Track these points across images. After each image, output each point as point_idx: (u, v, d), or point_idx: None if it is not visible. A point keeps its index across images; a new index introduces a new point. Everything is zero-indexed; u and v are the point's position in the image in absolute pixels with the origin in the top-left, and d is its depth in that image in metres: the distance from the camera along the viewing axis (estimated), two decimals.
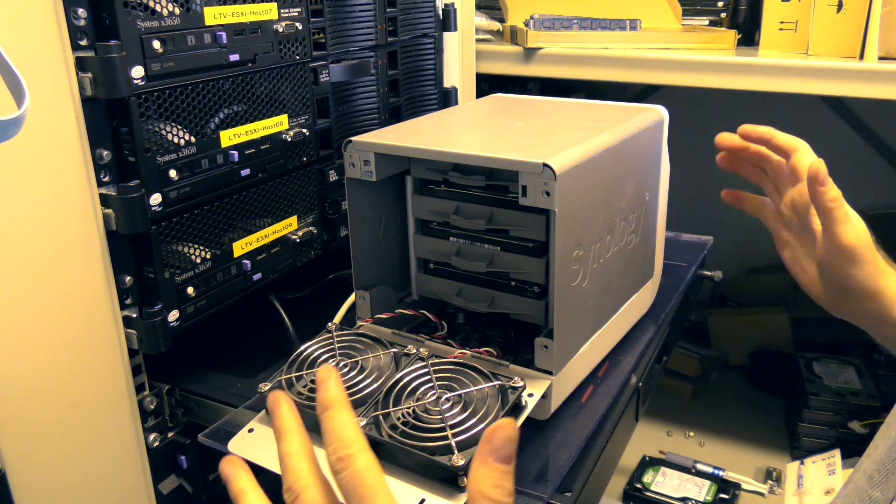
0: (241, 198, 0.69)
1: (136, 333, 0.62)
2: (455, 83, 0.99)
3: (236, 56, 0.66)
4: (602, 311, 0.65)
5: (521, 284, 0.63)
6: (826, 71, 0.97)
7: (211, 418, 0.66)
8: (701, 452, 1.37)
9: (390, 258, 0.69)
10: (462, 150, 0.57)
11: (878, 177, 1.55)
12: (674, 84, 1.08)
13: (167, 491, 0.68)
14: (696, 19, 1.30)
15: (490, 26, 1.23)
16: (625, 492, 1.27)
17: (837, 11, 0.99)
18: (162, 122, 0.61)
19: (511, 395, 0.54)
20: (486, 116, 0.72)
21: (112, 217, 0.58)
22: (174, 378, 0.70)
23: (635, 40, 1.14)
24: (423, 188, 0.67)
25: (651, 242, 0.73)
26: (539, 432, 0.58)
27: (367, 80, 0.82)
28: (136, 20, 0.56)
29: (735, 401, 1.53)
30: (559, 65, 1.14)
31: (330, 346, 0.61)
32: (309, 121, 0.75)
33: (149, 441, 0.66)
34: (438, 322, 0.65)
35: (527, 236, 0.61)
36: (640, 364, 0.69)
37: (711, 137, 0.74)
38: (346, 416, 0.40)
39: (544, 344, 0.57)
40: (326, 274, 0.84)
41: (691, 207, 1.30)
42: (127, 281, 0.61)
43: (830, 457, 1.26)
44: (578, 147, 0.56)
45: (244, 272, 0.70)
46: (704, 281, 0.94)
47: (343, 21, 0.78)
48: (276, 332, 0.76)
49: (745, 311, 1.66)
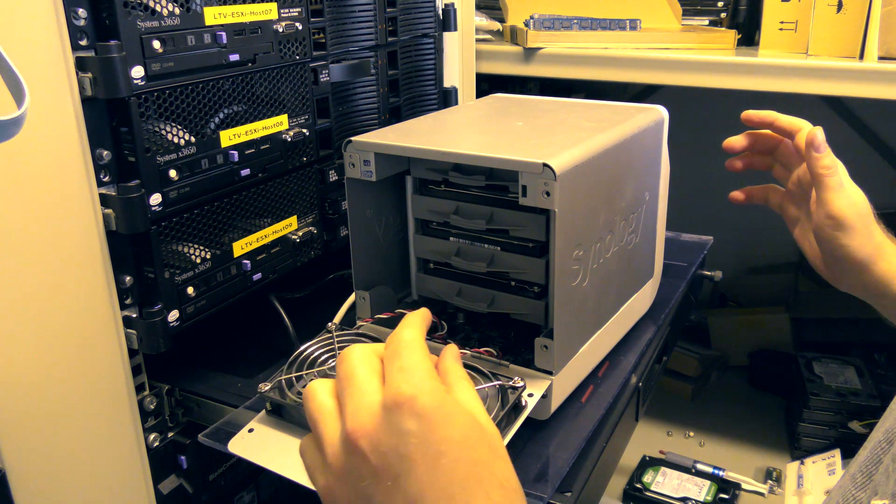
0: (241, 198, 0.69)
1: (135, 333, 0.62)
2: (455, 83, 0.99)
3: (236, 56, 0.66)
4: (602, 311, 0.65)
5: (521, 284, 0.63)
6: (826, 71, 0.97)
7: (211, 418, 0.66)
8: (701, 452, 1.37)
9: (390, 258, 0.69)
10: (462, 150, 0.57)
11: (878, 177, 1.55)
12: (674, 84, 1.08)
13: (167, 491, 0.68)
14: (696, 19, 1.30)
15: (490, 26, 1.23)
16: (625, 492, 1.27)
17: (837, 11, 0.99)
18: (162, 122, 0.61)
19: (511, 395, 0.54)
20: (486, 116, 0.72)
21: (112, 217, 0.58)
22: (174, 378, 0.70)
23: (635, 40, 1.14)
24: (423, 188, 0.67)
25: (651, 242, 0.73)
26: (539, 432, 0.58)
27: (367, 80, 0.82)
28: (136, 20, 0.56)
29: (735, 401, 1.53)
30: (559, 65, 1.14)
31: (330, 346, 0.61)
32: (309, 121, 0.75)
33: (149, 441, 0.66)
34: (438, 322, 0.65)
35: (527, 236, 0.61)
36: (640, 364, 0.69)
37: (711, 137, 0.75)
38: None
39: (544, 344, 0.57)
40: (326, 274, 0.84)
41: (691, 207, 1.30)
42: (127, 281, 0.61)
43: (830, 457, 1.26)
44: (578, 147, 0.56)
45: (244, 272, 0.70)
46: (704, 281, 0.94)
47: (343, 21, 0.78)
48: (276, 332, 0.76)
49: (745, 311, 1.66)
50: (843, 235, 0.66)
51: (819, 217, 0.67)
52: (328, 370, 0.58)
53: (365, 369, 0.42)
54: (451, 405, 0.40)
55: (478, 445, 0.39)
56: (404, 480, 0.38)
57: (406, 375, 0.40)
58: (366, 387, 0.41)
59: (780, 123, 0.72)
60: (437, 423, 0.38)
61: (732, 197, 0.79)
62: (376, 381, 0.41)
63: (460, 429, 0.39)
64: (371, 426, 0.39)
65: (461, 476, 0.38)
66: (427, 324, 0.47)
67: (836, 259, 0.68)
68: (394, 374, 0.40)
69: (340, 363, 0.43)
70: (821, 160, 0.65)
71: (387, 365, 0.42)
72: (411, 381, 0.39)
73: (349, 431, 0.39)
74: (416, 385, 0.39)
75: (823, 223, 0.66)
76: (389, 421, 0.39)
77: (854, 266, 0.67)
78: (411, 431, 0.38)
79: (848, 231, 0.65)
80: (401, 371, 0.40)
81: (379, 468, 0.38)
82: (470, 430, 0.39)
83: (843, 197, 0.65)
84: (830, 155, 0.66)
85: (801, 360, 1.42)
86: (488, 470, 0.39)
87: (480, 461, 0.39)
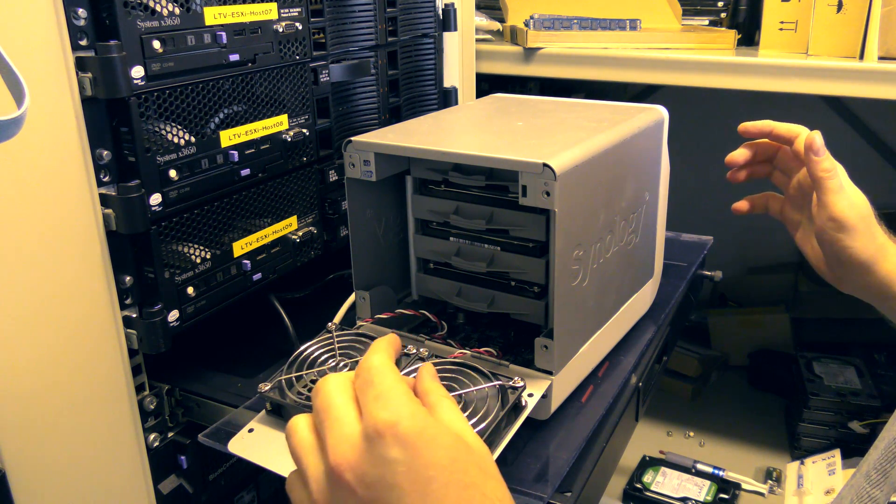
0: (241, 198, 0.69)
1: (135, 333, 0.62)
2: (455, 83, 0.99)
3: (236, 56, 0.65)
4: (602, 311, 0.65)
5: (521, 284, 0.63)
6: (826, 71, 0.97)
7: (211, 418, 0.66)
8: (701, 452, 1.37)
9: (390, 258, 0.69)
10: (462, 150, 0.57)
11: (878, 177, 1.55)
12: (674, 84, 1.08)
13: (167, 491, 0.68)
14: (696, 19, 1.30)
15: (490, 26, 1.23)
16: (625, 492, 1.27)
17: (837, 11, 0.99)
18: (162, 122, 0.61)
19: (511, 395, 0.54)
20: (486, 116, 0.72)
21: (112, 217, 0.58)
22: (174, 378, 0.70)
23: (635, 40, 1.14)
24: (423, 188, 0.67)
25: (651, 242, 0.73)
26: (539, 432, 0.58)
27: (367, 80, 0.82)
28: (136, 20, 0.56)
29: (735, 401, 1.53)
30: (559, 65, 1.14)
31: (330, 346, 0.61)
32: (309, 121, 0.75)
33: (149, 441, 0.66)
34: (438, 322, 0.65)
35: (527, 236, 0.61)
36: (640, 364, 0.69)
37: (711, 137, 0.75)
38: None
39: (544, 344, 0.57)
40: (326, 274, 0.84)
41: (691, 207, 1.30)
42: (127, 281, 0.61)
43: (830, 457, 1.26)
44: (578, 147, 0.56)
45: (244, 272, 0.70)
46: (704, 281, 0.94)
47: (343, 21, 0.78)
48: (276, 332, 0.76)
49: (745, 311, 1.66)
50: (845, 237, 0.66)
51: (821, 220, 0.67)
52: (328, 370, 0.58)
53: (342, 398, 0.40)
54: (434, 427, 0.39)
55: (467, 467, 0.38)
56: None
57: (383, 402, 0.39)
58: (344, 417, 0.39)
59: (778, 131, 0.72)
60: (422, 448, 0.37)
61: (735, 208, 0.80)
62: (353, 410, 0.40)
63: (447, 451, 0.38)
64: (354, 458, 0.38)
65: (453, 501, 0.37)
66: (396, 349, 0.46)
67: (839, 261, 0.68)
68: (370, 403, 0.39)
69: (315, 395, 0.42)
70: (820, 163, 0.66)
71: (360, 395, 0.40)
72: (389, 407, 0.38)
73: (332, 466, 0.38)
74: (395, 410, 0.38)
75: (825, 226, 0.66)
76: (372, 451, 0.37)
77: (857, 268, 0.67)
78: (397, 460, 0.37)
79: (850, 233, 0.66)
80: (377, 399, 0.39)
81: (367, 501, 0.37)
82: (457, 452, 0.38)
83: (843, 199, 0.65)
84: (829, 158, 0.66)
85: (801, 360, 1.42)
86: (480, 491, 0.38)
87: (471, 483, 0.38)
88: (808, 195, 0.71)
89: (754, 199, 0.79)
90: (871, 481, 0.52)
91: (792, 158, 0.74)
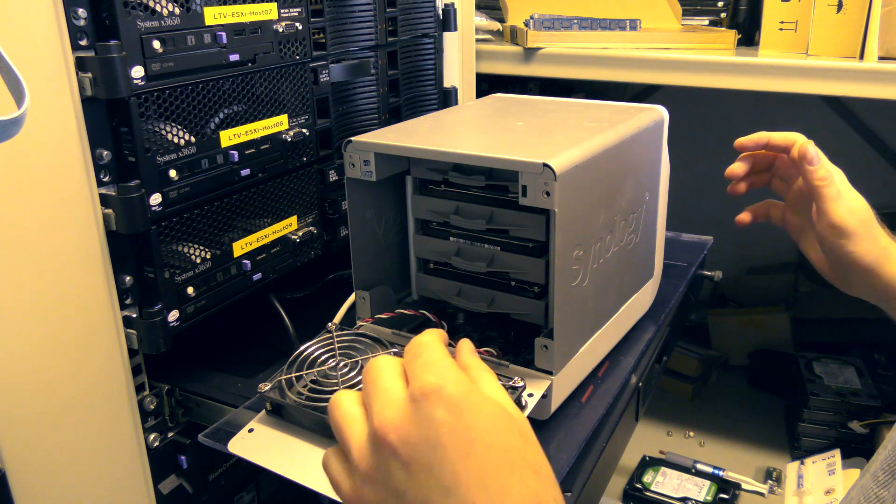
0: (241, 198, 0.69)
1: (135, 333, 0.62)
2: (455, 83, 0.99)
3: (236, 56, 0.66)
4: (602, 311, 0.65)
5: (521, 284, 0.63)
6: (826, 71, 0.97)
7: (211, 418, 0.66)
8: (701, 452, 1.37)
9: (390, 258, 0.69)
10: (462, 150, 0.57)
11: (878, 177, 1.55)
12: (674, 84, 1.08)
13: (167, 491, 0.68)
14: (696, 19, 1.30)
15: (490, 26, 1.23)
16: (625, 492, 1.27)
17: (837, 11, 0.99)
18: (162, 122, 0.61)
19: (511, 395, 0.54)
20: (486, 116, 0.72)
21: (112, 217, 0.58)
22: (174, 378, 0.70)
23: (635, 40, 1.14)
24: (423, 188, 0.67)
25: (651, 242, 0.73)
26: (539, 432, 0.58)
27: (367, 80, 0.82)
28: (136, 20, 0.56)
29: (735, 401, 1.53)
30: (559, 65, 1.14)
31: (330, 346, 0.61)
32: (309, 121, 0.75)
33: (149, 441, 0.66)
34: (438, 322, 0.65)
35: (527, 236, 0.61)
36: (640, 364, 0.69)
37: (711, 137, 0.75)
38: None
39: (544, 344, 0.57)
40: (326, 274, 0.84)
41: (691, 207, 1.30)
42: (127, 281, 0.61)
43: (830, 457, 1.26)
44: (578, 147, 0.56)
45: (244, 272, 0.70)
46: (704, 281, 0.94)
47: (343, 21, 0.78)
48: (276, 332, 0.76)
49: (745, 311, 1.66)
50: (847, 243, 0.66)
51: (821, 227, 0.67)
52: (328, 370, 0.58)
53: (390, 373, 0.42)
54: (477, 394, 0.40)
55: (509, 433, 0.39)
56: (438, 469, 0.37)
57: (430, 368, 0.40)
58: (391, 386, 0.41)
59: (774, 142, 0.73)
60: (466, 411, 0.38)
61: (738, 221, 0.80)
62: (401, 381, 0.41)
63: (490, 416, 0.39)
64: (399, 419, 0.39)
65: (495, 462, 0.37)
66: (444, 339, 0.47)
67: (843, 266, 0.68)
68: (417, 370, 0.40)
69: (366, 372, 0.43)
70: (816, 172, 0.66)
71: (408, 365, 0.41)
72: (436, 372, 0.39)
73: (377, 427, 0.39)
74: (442, 375, 0.39)
75: (826, 232, 0.67)
76: (418, 412, 0.38)
77: (861, 271, 0.67)
78: (441, 420, 0.38)
79: (851, 238, 0.66)
80: (425, 365, 0.40)
81: (410, 461, 0.38)
82: (499, 418, 0.39)
83: (842, 205, 0.65)
84: (825, 165, 0.66)
85: (801, 360, 1.42)
86: (521, 456, 0.39)
87: (513, 447, 0.39)
88: (808, 201, 0.71)
89: (755, 208, 0.80)
90: (878, 482, 0.52)
91: (790, 166, 0.74)
